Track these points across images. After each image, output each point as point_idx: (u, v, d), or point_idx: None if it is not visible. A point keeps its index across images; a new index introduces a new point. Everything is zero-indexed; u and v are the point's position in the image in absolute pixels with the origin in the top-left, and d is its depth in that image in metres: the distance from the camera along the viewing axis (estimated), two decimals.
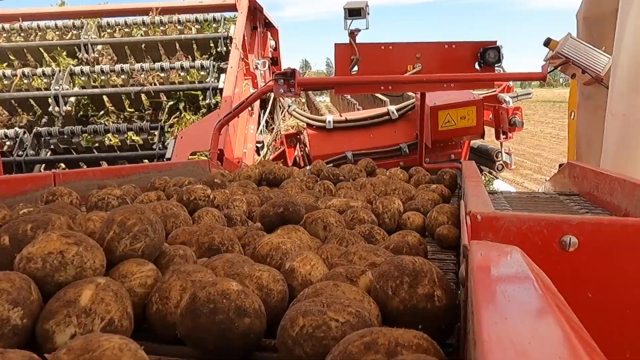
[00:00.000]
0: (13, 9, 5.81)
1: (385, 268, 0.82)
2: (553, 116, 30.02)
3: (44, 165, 4.93)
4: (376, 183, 2.05)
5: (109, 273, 0.86)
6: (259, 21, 5.92)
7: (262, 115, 5.95)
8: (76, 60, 5.43)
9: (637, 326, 0.96)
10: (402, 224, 1.56)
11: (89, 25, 5.49)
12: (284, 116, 6.47)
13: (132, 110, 5.27)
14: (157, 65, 5.08)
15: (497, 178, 6.93)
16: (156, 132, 4.76)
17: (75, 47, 5.40)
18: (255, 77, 5.55)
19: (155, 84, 5.13)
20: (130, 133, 4.82)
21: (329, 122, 5.01)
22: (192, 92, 5.16)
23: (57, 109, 4.97)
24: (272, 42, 6.29)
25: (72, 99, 5.13)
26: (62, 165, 4.88)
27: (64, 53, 5.44)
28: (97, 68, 5.09)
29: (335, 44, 3.33)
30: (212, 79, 4.99)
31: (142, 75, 5.12)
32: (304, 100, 8.84)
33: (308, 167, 2.59)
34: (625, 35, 2.38)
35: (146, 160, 4.69)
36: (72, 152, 4.90)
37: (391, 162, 4.73)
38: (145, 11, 5.55)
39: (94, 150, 4.96)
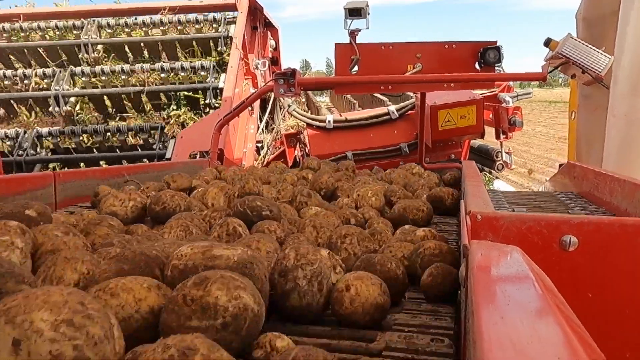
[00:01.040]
0: (13, 9, 5.80)
1: None
2: (547, 116, 30.07)
3: (43, 165, 4.93)
4: (323, 225, 1.32)
5: None
6: (259, 21, 5.92)
7: (262, 115, 5.95)
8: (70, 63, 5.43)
9: (637, 326, 0.96)
10: (335, 301, 0.85)
11: (89, 25, 5.49)
12: (284, 116, 6.47)
13: (132, 110, 5.27)
14: (158, 65, 5.08)
15: (497, 178, 6.93)
16: (156, 132, 4.76)
17: (76, 47, 5.40)
18: (256, 76, 5.55)
19: (155, 84, 5.13)
20: (130, 133, 4.82)
21: (329, 122, 5.01)
22: (193, 92, 5.16)
23: (57, 109, 4.97)
24: (272, 42, 6.30)
25: (73, 99, 5.13)
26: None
27: (67, 67, 5.43)
28: (97, 68, 5.09)
29: (336, 43, 3.33)
30: (212, 79, 4.99)
31: (143, 76, 5.12)
32: (304, 100, 8.85)
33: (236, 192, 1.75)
34: (628, 37, 2.38)
35: (146, 160, 4.69)
36: (72, 152, 4.90)
37: (391, 162, 4.73)
38: (145, 11, 5.55)
39: (94, 150, 4.96)
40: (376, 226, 1.43)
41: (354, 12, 3.21)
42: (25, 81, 5.11)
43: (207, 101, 4.98)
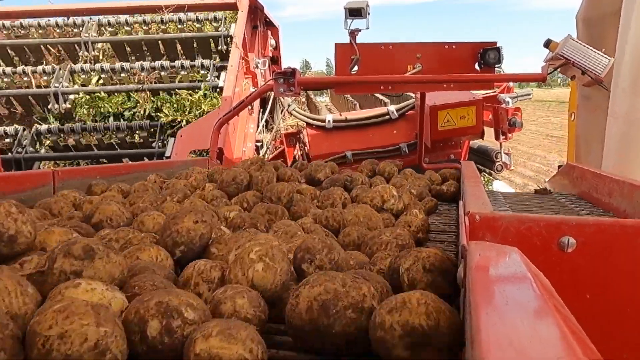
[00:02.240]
0: (14, 6, 5.79)
1: None
2: (540, 114, 30.03)
3: (42, 162, 4.93)
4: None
5: None
6: (259, 20, 5.91)
7: (261, 114, 5.95)
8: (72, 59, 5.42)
9: (635, 327, 0.96)
10: None
11: (89, 24, 5.48)
12: (284, 115, 6.47)
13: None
14: (158, 64, 5.07)
15: (496, 179, 6.94)
16: (156, 130, 4.76)
17: (76, 45, 5.39)
18: (256, 76, 5.55)
19: (155, 83, 5.12)
20: (129, 131, 4.81)
21: (329, 121, 5.01)
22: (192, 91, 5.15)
23: (56, 106, 4.97)
24: (273, 41, 6.29)
25: (72, 96, 5.12)
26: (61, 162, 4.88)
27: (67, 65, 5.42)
28: (97, 66, 5.08)
29: (336, 43, 3.33)
30: (212, 78, 4.99)
31: (143, 74, 5.11)
32: (303, 99, 8.84)
33: None
34: (629, 38, 2.38)
35: (146, 159, 4.69)
36: (72, 149, 4.89)
37: None
38: (146, 10, 5.54)
39: (94, 148, 4.96)
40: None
41: (354, 12, 3.21)
42: (25, 78, 5.10)
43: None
